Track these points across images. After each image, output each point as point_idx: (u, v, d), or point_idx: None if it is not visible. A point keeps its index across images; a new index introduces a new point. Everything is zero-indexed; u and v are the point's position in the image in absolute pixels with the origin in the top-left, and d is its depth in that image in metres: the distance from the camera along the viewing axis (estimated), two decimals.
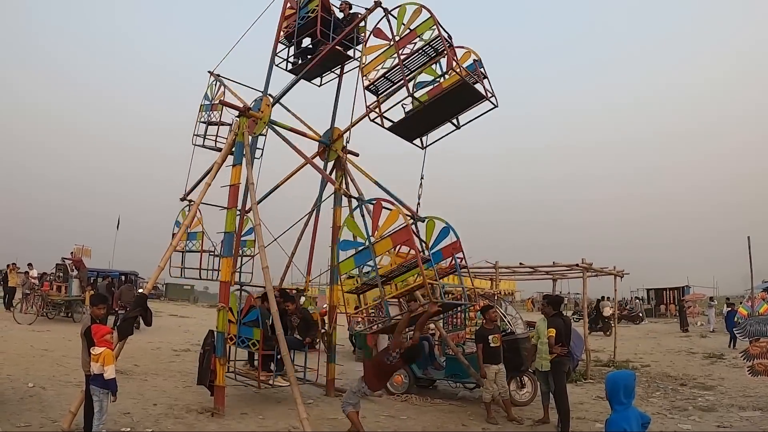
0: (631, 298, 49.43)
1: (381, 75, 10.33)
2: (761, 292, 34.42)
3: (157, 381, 12.22)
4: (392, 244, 9.04)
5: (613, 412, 4.38)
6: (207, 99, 13.47)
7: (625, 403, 4.34)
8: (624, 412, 4.31)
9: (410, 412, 10.74)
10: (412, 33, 9.88)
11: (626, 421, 4.25)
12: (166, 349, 17.45)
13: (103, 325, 7.69)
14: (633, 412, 4.37)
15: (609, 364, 17.67)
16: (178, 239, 10.60)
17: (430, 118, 10.39)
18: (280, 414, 9.95)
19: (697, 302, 37.18)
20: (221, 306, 10.17)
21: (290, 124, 11.68)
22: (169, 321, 28.14)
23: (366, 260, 9.20)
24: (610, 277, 18.65)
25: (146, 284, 11.21)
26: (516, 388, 11.47)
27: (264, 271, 9.69)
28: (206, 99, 13.50)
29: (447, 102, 9.95)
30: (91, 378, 7.25)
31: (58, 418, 8.56)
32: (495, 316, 10.84)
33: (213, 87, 13.28)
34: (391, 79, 10.48)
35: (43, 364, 13.04)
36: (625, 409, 4.33)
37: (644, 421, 4.50)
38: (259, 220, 10.05)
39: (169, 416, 9.36)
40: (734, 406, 11.65)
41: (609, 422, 4.36)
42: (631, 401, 4.39)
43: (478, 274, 21.71)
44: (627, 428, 4.21)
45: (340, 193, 11.83)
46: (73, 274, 23.17)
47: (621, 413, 4.32)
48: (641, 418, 4.45)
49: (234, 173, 10.69)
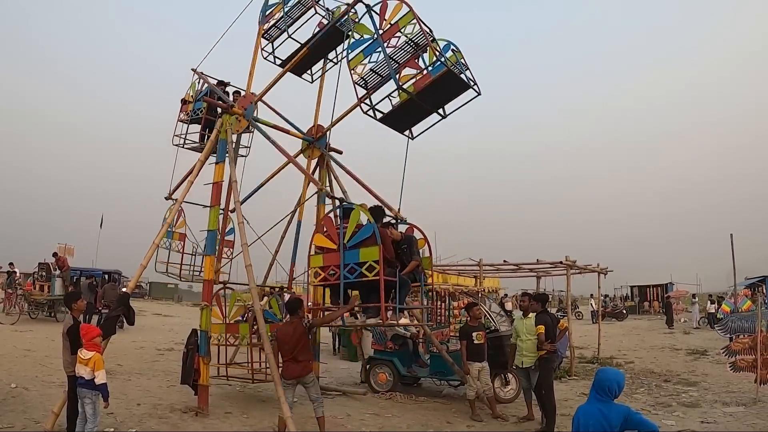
0: (614, 296, 49.81)
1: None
2: (744, 289, 34.85)
3: (140, 381, 12.14)
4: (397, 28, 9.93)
5: (586, 402, 4.41)
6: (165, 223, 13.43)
7: (604, 398, 4.32)
8: (602, 404, 4.30)
9: (395, 410, 10.74)
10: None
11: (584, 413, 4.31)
12: (149, 348, 17.33)
13: (93, 327, 7.66)
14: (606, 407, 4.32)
15: (593, 360, 17.75)
16: (160, 237, 10.52)
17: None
18: (264, 413, 9.94)
19: (681, 299, 37.49)
20: (204, 305, 10.11)
21: (275, 123, 11.66)
22: (153, 320, 27.94)
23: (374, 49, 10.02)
24: (594, 274, 18.73)
25: (129, 283, 11.13)
26: (500, 386, 11.49)
27: (247, 269, 9.67)
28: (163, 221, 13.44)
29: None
30: (80, 382, 7.19)
31: (41, 419, 8.50)
32: (479, 313, 10.85)
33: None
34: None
35: (26, 364, 12.92)
36: (605, 404, 4.31)
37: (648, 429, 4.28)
38: (242, 218, 10.00)
39: (153, 416, 9.31)
40: (718, 401, 11.75)
41: (578, 409, 4.41)
42: (613, 398, 4.36)
43: (462, 271, 21.80)
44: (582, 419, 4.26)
45: (323, 192, 11.78)
46: (56, 273, 22.97)
47: (592, 404, 4.34)
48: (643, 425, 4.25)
49: (217, 171, 10.66)
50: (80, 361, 7.17)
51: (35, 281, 23.53)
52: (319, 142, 12.23)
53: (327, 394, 11.55)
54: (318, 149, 12.24)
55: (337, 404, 11.06)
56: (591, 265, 18.28)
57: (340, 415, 10.17)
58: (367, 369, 12.73)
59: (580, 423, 4.29)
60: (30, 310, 22.73)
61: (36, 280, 23.53)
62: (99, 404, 7.22)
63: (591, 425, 4.23)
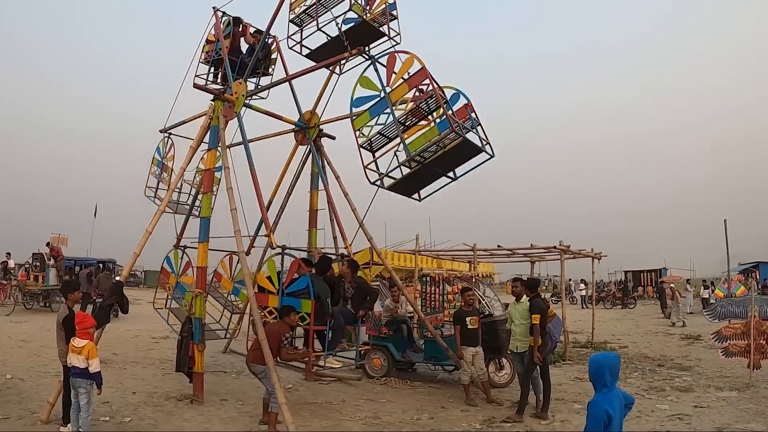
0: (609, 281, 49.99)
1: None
2: (737, 275, 35.06)
3: (136, 369, 12.15)
4: (408, 87, 9.13)
5: (596, 394, 4.37)
6: (159, 154, 13.51)
7: (609, 385, 4.32)
8: (607, 394, 4.28)
9: (389, 395, 10.77)
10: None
11: (609, 404, 4.22)
12: (144, 336, 17.34)
13: (88, 316, 7.66)
14: (616, 393, 4.34)
15: (587, 345, 17.81)
16: (154, 223, 10.42)
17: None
18: (260, 400, 9.93)
19: (674, 284, 37.65)
20: (198, 292, 10.10)
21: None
22: (147, 308, 27.65)
23: (382, 109, 9.42)
24: (588, 260, 18.79)
25: (122, 272, 11.12)
26: (495, 370, 11.52)
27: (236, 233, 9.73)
28: (158, 154, 13.53)
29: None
30: (73, 371, 7.19)
31: (37, 409, 8.52)
32: (473, 298, 10.87)
33: (165, 143, 13.30)
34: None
35: (21, 355, 12.93)
36: (609, 392, 4.30)
37: (628, 402, 4.48)
38: (234, 205, 9.94)
39: (148, 404, 9.33)
40: (711, 386, 11.79)
41: (591, 404, 4.32)
42: (615, 383, 4.37)
43: (456, 256, 21.86)
44: (609, 410, 4.18)
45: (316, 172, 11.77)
46: (50, 263, 22.93)
47: (604, 395, 4.29)
48: (625, 398, 4.43)
49: (209, 157, 10.63)
50: (72, 349, 7.15)
51: (29, 272, 23.50)
52: (310, 131, 12.18)
53: (322, 380, 11.59)
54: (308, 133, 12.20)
55: (332, 390, 11.10)
56: (585, 250, 18.34)
57: (335, 400, 10.19)
58: (362, 354, 12.76)
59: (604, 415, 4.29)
60: (24, 300, 22.71)
61: (30, 271, 23.51)
62: (93, 393, 7.23)
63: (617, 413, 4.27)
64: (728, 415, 9.51)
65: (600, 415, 4.17)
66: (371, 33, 10.57)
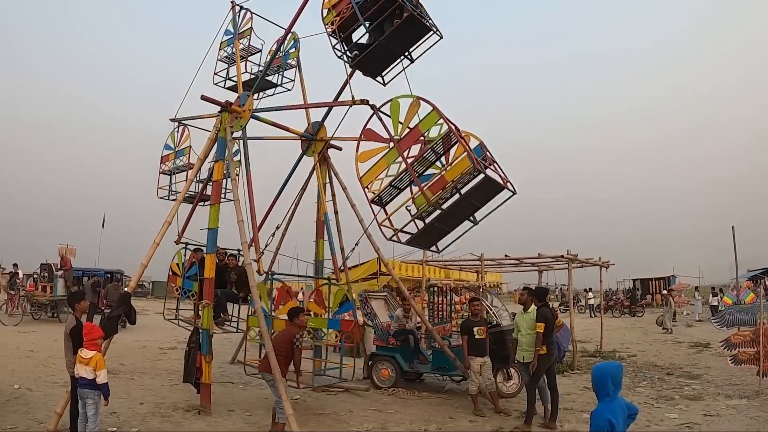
0: (617, 289, 49.77)
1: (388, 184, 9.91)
2: (746, 281, 34.79)
3: (143, 379, 12.17)
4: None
5: (599, 403, 4.36)
6: (170, 145, 13.16)
7: (611, 394, 4.31)
8: (610, 404, 4.27)
9: (397, 406, 10.74)
10: (415, 131, 9.42)
11: (611, 413, 4.21)
12: (152, 347, 17.38)
13: (97, 327, 7.67)
14: (619, 402, 4.32)
15: (596, 354, 17.75)
16: (161, 236, 10.45)
17: (448, 221, 9.89)
18: (267, 410, 9.93)
19: (683, 292, 37.46)
20: (206, 303, 10.11)
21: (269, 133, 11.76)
22: (155, 319, 27.72)
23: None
24: (596, 268, 18.74)
25: (129, 282, 11.13)
26: (503, 380, 11.49)
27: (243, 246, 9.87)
28: (168, 145, 13.18)
29: (466, 201, 9.52)
30: (81, 382, 7.20)
31: (44, 419, 8.54)
32: (480, 308, 10.84)
33: (175, 134, 13.11)
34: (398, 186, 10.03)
35: (29, 365, 12.97)
36: (612, 401, 4.29)
37: (631, 411, 4.45)
38: (241, 216, 9.98)
39: (155, 415, 9.35)
40: (720, 394, 11.74)
41: (594, 414, 4.32)
42: (618, 392, 4.36)
43: (464, 266, 21.81)
44: (612, 420, 4.17)
45: None
46: (59, 273, 22.99)
47: (607, 404, 4.28)
48: (628, 408, 4.41)
49: (217, 169, 10.67)
50: (80, 360, 7.17)
51: (37, 282, 23.57)
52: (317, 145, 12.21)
53: (329, 391, 11.57)
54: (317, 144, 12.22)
55: (339, 400, 11.09)
56: (592, 259, 18.28)
57: (342, 411, 10.18)
58: (370, 365, 12.73)
59: None
60: (32, 311, 22.78)
61: (38, 281, 23.58)
62: (100, 404, 7.24)
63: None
64: (738, 424, 9.48)
65: (603, 424, 4.16)
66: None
